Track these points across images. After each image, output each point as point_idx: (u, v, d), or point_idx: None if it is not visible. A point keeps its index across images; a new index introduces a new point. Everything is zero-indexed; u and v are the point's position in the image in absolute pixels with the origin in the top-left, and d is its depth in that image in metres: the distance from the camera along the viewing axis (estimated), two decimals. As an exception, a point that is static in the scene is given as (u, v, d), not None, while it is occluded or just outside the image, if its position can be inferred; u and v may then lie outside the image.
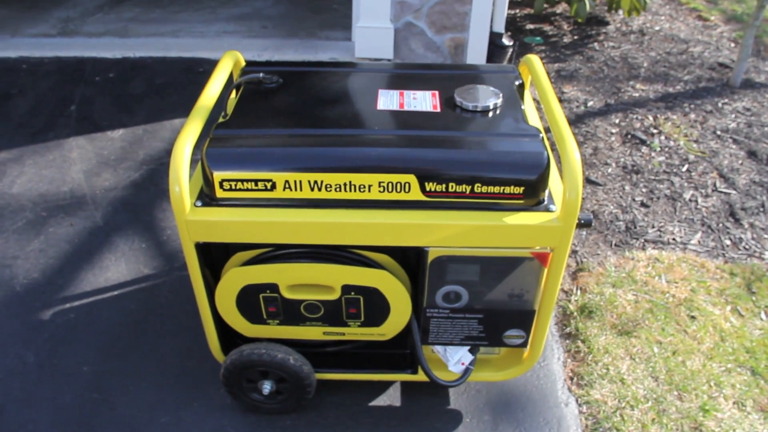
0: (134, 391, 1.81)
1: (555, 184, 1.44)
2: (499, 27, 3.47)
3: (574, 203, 1.30)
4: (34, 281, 2.15)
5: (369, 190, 1.35)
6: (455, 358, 1.62)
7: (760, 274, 2.28)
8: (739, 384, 1.89)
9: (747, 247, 2.42)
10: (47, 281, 2.15)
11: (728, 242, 2.44)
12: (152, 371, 1.87)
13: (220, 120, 1.46)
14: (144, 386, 1.83)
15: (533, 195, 1.36)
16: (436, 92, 1.55)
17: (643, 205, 2.60)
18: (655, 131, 3.05)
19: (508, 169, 1.34)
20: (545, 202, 1.38)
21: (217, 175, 1.35)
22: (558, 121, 1.39)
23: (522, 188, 1.34)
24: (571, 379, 1.90)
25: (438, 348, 1.65)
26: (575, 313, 2.09)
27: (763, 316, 2.13)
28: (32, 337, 1.96)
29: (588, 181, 2.72)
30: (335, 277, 1.44)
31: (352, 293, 1.47)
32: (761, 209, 2.60)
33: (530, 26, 4.18)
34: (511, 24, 4.14)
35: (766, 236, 2.47)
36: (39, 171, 2.65)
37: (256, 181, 1.35)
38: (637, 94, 3.38)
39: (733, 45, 3.98)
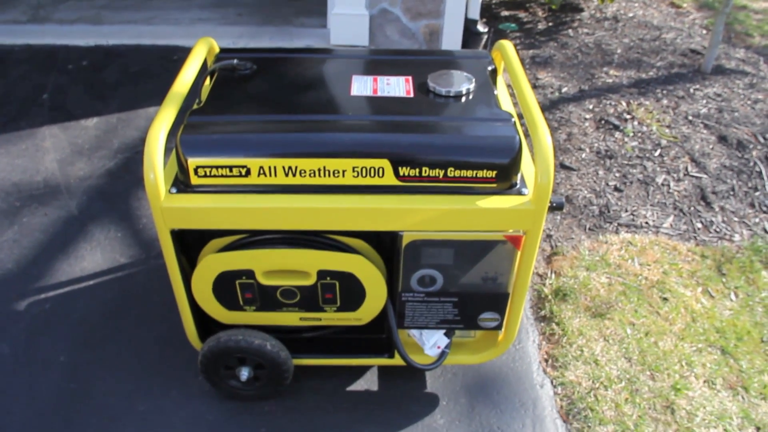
0: (111, 380, 1.81)
1: (527, 168, 1.46)
2: (474, 14, 3.48)
3: (545, 186, 1.32)
4: (8, 272, 2.13)
5: (343, 175, 1.36)
6: (431, 342, 1.64)
7: (730, 256, 2.33)
8: (710, 363, 1.93)
9: (717, 230, 2.47)
10: (22, 272, 2.13)
11: (699, 225, 2.48)
12: (129, 360, 1.86)
13: (195, 107, 1.46)
14: (121, 375, 1.82)
15: (506, 179, 1.37)
16: (410, 77, 1.56)
17: (616, 189, 2.63)
18: (628, 117, 3.08)
19: (481, 153, 1.36)
20: (518, 186, 1.40)
21: (192, 162, 1.35)
22: (529, 105, 1.40)
23: (495, 172, 1.36)
24: (546, 361, 1.93)
25: (414, 332, 1.67)
26: (550, 296, 2.12)
27: (732, 297, 2.17)
28: (7, 328, 1.94)
29: (562, 166, 2.75)
30: (311, 262, 1.45)
31: (328, 278, 1.47)
32: (731, 193, 2.65)
33: (505, 13, 4.19)
34: (486, 11, 4.15)
35: (736, 219, 2.52)
36: (11, 160, 2.62)
37: (230, 168, 1.35)
38: (610, 80, 3.41)
39: (704, 32, 4.02)
